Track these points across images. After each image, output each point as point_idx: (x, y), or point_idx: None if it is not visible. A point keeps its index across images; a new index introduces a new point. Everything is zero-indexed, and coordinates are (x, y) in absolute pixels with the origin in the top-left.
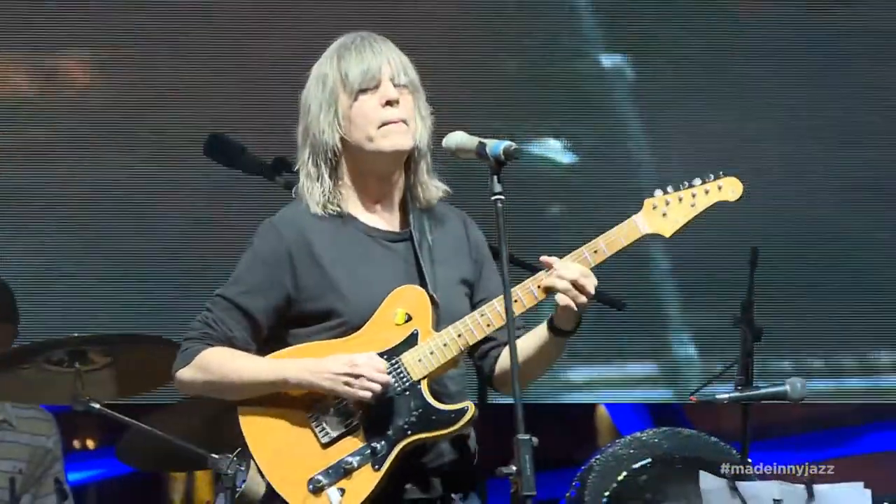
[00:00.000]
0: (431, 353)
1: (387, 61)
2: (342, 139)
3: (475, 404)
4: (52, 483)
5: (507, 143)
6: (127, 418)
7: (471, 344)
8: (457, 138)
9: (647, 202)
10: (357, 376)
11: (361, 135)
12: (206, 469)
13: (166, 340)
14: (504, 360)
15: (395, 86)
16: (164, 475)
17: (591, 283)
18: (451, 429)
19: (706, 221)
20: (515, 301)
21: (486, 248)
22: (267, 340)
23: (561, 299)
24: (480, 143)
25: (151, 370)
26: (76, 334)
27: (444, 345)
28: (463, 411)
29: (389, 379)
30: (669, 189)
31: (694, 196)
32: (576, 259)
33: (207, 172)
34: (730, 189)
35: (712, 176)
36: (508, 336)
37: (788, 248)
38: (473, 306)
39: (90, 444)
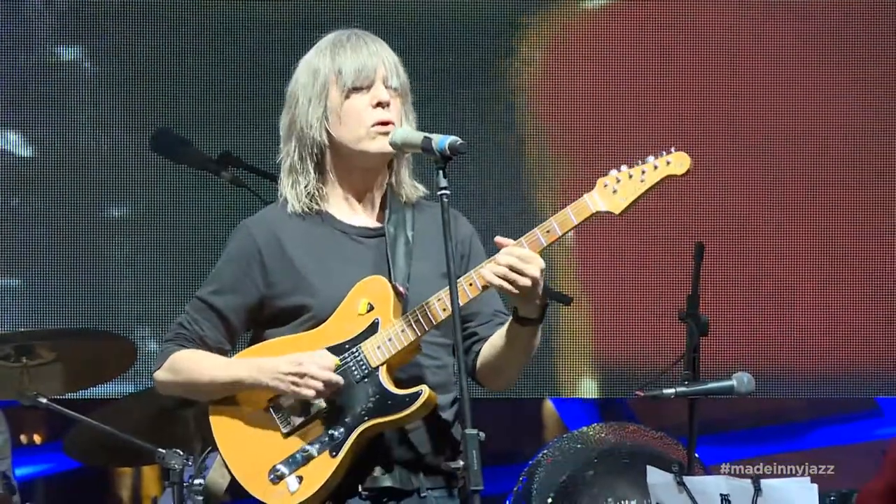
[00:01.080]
0: (389, 339)
1: (381, 62)
2: (328, 135)
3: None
4: None
5: (452, 138)
6: (74, 413)
7: (428, 330)
8: (402, 133)
9: (600, 181)
10: (302, 375)
11: (350, 134)
12: (154, 464)
13: (113, 335)
14: (485, 355)
15: (386, 87)
16: (112, 470)
17: (531, 268)
18: (406, 412)
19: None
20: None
21: (476, 244)
22: (249, 342)
23: (499, 284)
24: (426, 138)
25: (98, 365)
26: (22, 329)
27: (402, 331)
28: (417, 395)
29: (334, 377)
30: (623, 167)
31: (644, 172)
32: (529, 240)
33: (157, 167)
34: (678, 163)
35: (664, 152)
36: (454, 330)
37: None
38: None
39: (37, 438)
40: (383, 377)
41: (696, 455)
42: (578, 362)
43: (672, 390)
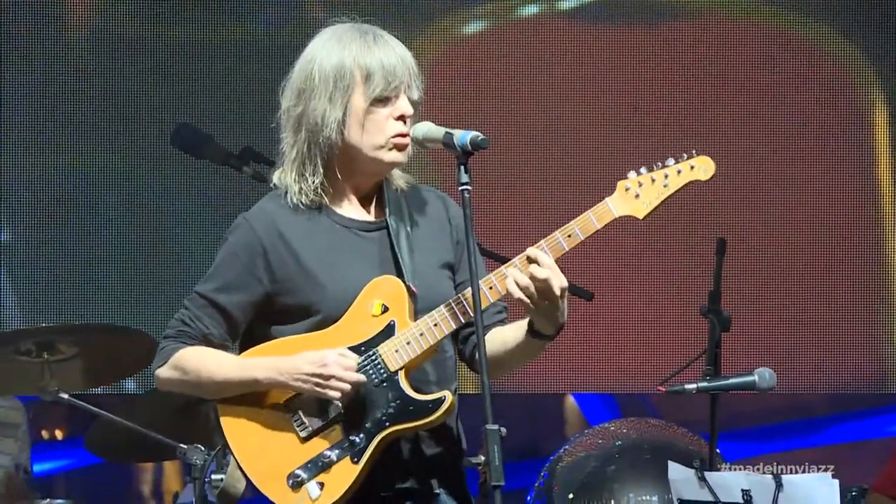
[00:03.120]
0: (408, 343)
1: (408, 70)
2: (342, 137)
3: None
4: None
5: (473, 133)
6: (95, 408)
7: (447, 333)
8: (424, 128)
9: (620, 184)
10: (327, 377)
11: (368, 141)
12: (175, 460)
13: (134, 330)
14: (488, 348)
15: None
16: (133, 465)
17: (554, 285)
18: (429, 419)
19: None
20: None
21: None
22: (250, 340)
23: (519, 298)
24: (447, 133)
25: (119, 360)
26: (44, 324)
27: (421, 335)
28: (440, 401)
29: (360, 377)
30: (643, 170)
31: (667, 177)
32: (550, 243)
33: (177, 162)
34: (702, 168)
35: (685, 155)
36: (476, 328)
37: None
38: (456, 288)
39: (58, 434)
40: (403, 382)
41: (718, 450)
42: (600, 357)
43: (694, 385)
